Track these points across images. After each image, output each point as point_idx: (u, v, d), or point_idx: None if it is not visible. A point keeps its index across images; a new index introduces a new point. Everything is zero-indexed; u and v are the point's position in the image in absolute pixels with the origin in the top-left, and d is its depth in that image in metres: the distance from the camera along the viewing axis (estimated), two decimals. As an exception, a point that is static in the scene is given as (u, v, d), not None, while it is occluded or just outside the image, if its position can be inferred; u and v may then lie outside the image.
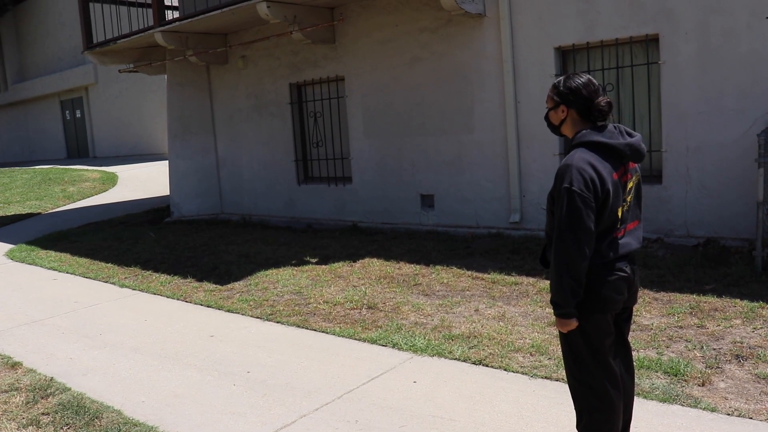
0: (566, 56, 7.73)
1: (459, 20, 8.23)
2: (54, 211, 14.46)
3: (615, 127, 2.85)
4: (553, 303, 2.76)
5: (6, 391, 4.54)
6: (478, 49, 8.19)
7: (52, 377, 4.77)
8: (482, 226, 8.45)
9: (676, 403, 3.66)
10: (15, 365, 5.07)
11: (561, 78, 2.92)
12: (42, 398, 4.39)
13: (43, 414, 4.15)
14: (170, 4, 13.18)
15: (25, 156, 30.37)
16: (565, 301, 2.71)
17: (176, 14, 12.32)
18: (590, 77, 2.87)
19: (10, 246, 10.49)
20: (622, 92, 7.45)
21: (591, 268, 2.75)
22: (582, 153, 2.75)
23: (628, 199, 2.86)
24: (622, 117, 7.46)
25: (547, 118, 3.00)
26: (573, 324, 2.75)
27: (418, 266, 7.12)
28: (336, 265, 7.47)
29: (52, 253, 9.61)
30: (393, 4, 8.88)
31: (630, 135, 2.84)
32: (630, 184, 2.87)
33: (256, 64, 11.00)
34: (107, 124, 24.92)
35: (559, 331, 2.87)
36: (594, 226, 2.69)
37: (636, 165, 2.94)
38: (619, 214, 2.79)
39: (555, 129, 3.00)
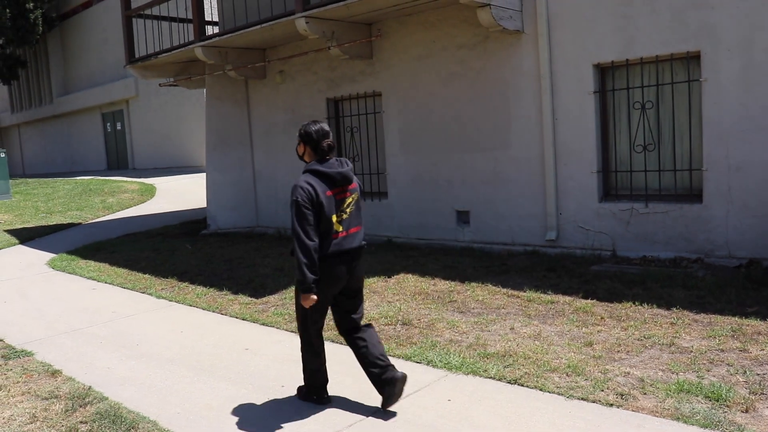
0: (605, 73, 7.66)
1: (497, 37, 8.23)
2: (94, 221, 14.74)
3: (337, 159, 4.08)
4: (299, 281, 3.86)
5: (46, 399, 4.62)
6: (515, 66, 8.16)
7: (90, 386, 4.84)
8: (518, 243, 8.38)
9: (718, 429, 3.56)
10: (55, 373, 5.17)
11: (305, 123, 4.11)
12: (80, 407, 4.46)
13: (81, 422, 4.21)
14: (210, 19, 13.43)
15: (67, 167, 31.09)
16: (306, 279, 3.81)
17: (216, 29, 12.53)
18: (323, 126, 4.09)
19: (52, 255, 10.71)
20: (662, 110, 7.36)
21: (321, 260, 3.91)
22: (306, 177, 3.97)
23: (348, 210, 4.06)
24: (662, 135, 7.36)
25: (296, 150, 4.17)
26: (314, 298, 3.85)
27: (453, 283, 7.09)
28: (371, 280, 7.47)
29: (92, 263, 9.78)
30: (431, 21, 8.91)
31: (346, 165, 4.08)
32: (348, 200, 4.07)
33: (293, 79, 11.12)
34: (147, 137, 25.39)
35: (297, 304, 4.06)
36: (314, 224, 3.87)
37: (356, 186, 4.14)
38: (334, 219, 3.96)
39: (301, 158, 4.18)
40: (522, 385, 4.34)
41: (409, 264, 8.15)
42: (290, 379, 4.75)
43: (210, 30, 12.30)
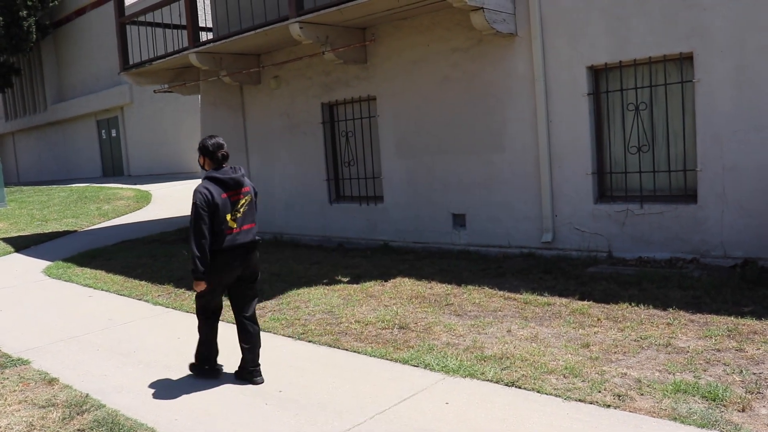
0: (599, 75, 7.69)
1: (490, 40, 8.25)
2: (89, 228, 14.72)
3: (231, 167, 4.79)
4: (192, 270, 4.63)
5: (43, 407, 4.61)
6: (509, 69, 8.19)
7: (87, 394, 4.83)
8: (514, 245, 8.40)
9: (715, 428, 3.57)
10: (52, 381, 5.15)
11: (203, 138, 4.85)
12: (78, 414, 4.44)
13: (78, 430, 4.20)
14: (204, 25, 13.43)
15: (62, 174, 31.00)
16: (197, 269, 4.58)
17: (210, 35, 12.53)
18: (218, 140, 4.80)
19: (48, 263, 10.68)
20: (655, 111, 7.38)
21: (217, 252, 4.65)
22: (205, 183, 4.69)
23: (241, 210, 4.77)
24: (656, 136, 7.39)
25: (198, 161, 4.92)
26: (203, 285, 4.66)
27: (449, 286, 7.10)
28: (367, 284, 7.47)
29: (88, 270, 9.76)
30: (424, 24, 8.93)
31: (239, 171, 4.78)
32: (242, 202, 4.78)
33: (288, 84, 11.13)
34: (142, 143, 25.33)
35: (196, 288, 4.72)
36: (208, 224, 4.59)
37: (249, 189, 4.85)
38: (228, 218, 4.68)
39: (202, 167, 4.90)
40: (519, 387, 4.35)
41: (406, 267, 8.15)
42: (288, 385, 4.75)
43: (204, 36, 12.31)
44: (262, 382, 4.81)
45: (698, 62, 6.84)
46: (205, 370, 5.01)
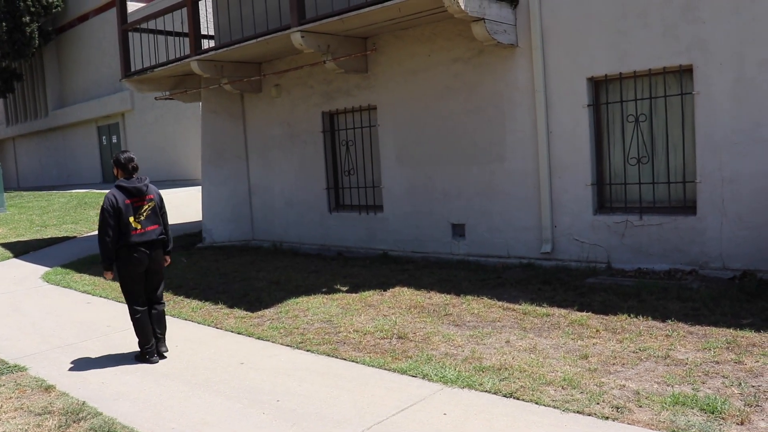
0: (599, 87, 7.71)
1: (491, 50, 8.27)
2: (89, 234, 14.69)
3: (138, 178, 5.64)
4: (101, 262, 5.61)
5: (40, 414, 4.60)
6: (510, 80, 8.21)
7: (84, 401, 4.82)
8: (513, 256, 8.40)
9: (713, 441, 3.57)
10: (48, 388, 5.14)
11: (117, 153, 5.65)
12: (74, 422, 4.43)
13: (75, 438, 4.18)
14: (206, 33, 13.46)
15: (62, 180, 31.02)
16: (104, 260, 5.53)
17: (212, 43, 12.56)
18: (129, 154, 5.67)
19: (46, 269, 10.67)
20: (655, 123, 7.40)
21: (124, 248, 5.51)
22: (113, 189, 5.56)
23: (144, 214, 5.60)
24: (655, 147, 7.40)
25: (113, 171, 5.74)
26: (110, 274, 5.61)
27: (448, 296, 7.09)
28: (366, 293, 7.46)
29: (86, 276, 9.75)
30: (426, 34, 8.96)
31: (142, 182, 5.62)
32: (145, 207, 5.61)
33: (289, 93, 11.15)
34: (142, 150, 25.31)
35: (120, 283, 5.71)
36: (114, 225, 5.44)
37: (153, 197, 5.69)
38: (131, 220, 5.51)
39: (115, 178, 5.69)
40: (518, 399, 4.34)
41: (405, 277, 8.14)
42: (285, 394, 4.74)
43: (206, 44, 12.34)
44: (157, 362, 5.69)
45: (698, 75, 6.86)
46: (144, 356, 5.72)
